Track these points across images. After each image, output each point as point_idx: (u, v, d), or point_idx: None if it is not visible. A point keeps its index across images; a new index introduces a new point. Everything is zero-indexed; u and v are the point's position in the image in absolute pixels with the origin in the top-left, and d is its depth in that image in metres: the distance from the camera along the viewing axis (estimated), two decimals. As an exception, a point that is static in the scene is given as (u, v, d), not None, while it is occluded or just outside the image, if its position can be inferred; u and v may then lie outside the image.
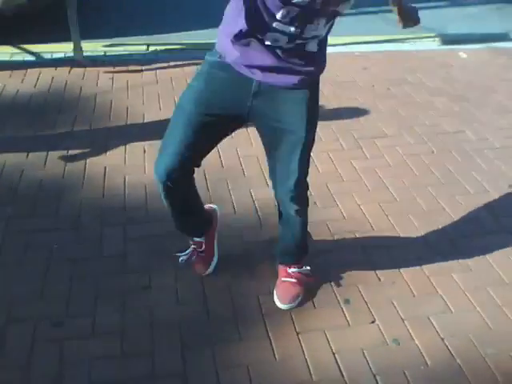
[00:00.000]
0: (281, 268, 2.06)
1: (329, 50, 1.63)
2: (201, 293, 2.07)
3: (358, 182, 2.74)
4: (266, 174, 2.66)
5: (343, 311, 2.01)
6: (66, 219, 2.42)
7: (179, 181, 1.75)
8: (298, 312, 2.00)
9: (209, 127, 1.68)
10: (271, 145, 1.75)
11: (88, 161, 2.82)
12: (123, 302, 2.01)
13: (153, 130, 3.10)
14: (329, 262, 2.24)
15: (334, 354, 1.84)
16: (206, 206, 2.17)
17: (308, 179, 1.83)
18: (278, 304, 1.99)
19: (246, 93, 1.63)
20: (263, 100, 1.64)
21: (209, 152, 1.80)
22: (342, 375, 1.77)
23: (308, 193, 1.88)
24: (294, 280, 2.02)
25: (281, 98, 1.64)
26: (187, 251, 2.11)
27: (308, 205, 1.93)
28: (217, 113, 1.66)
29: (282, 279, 2.04)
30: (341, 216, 2.49)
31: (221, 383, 1.74)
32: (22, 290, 2.05)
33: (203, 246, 2.09)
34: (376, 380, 1.75)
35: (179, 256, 2.11)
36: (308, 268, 2.07)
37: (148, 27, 4.59)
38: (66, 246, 2.27)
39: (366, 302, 2.05)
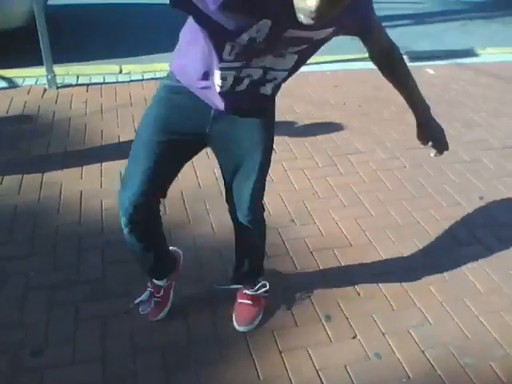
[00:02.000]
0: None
1: (301, 68, 1.66)
2: (182, 315, 2.06)
3: (334, 199, 2.78)
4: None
5: (325, 327, 2.02)
6: (43, 245, 2.39)
7: (145, 213, 1.67)
8: (280, 330, 2.01)
9: (170, 154, 1.63)
10: (227, 169, 1.73)
11: (63, 185, 2.80)
12: (104, 327, 1.98)
13: (128, 153, 3.07)
14: (309, 278, 2.26)
15: (317, 371, 1.85)
16: (171, 248, 2.09)
17: (285, 197, 1.86)
18: (235, 326, 1.99)
19: (205, 117, 1.60)
20: (222, 125, 1.61)
21: (172, 180, 1.73)
22: (326, 392, 1.78)
23: (265, 215, 1.92)
24: (249, 302, 2.01)
25: (239, 123, 1.62)
26: (143, 296, 2.00)
27: (265, 226, 1.95)
28: (177, 138, 1.61)
29: (239, 300, 2.03)
30: (319, 233, 2.52)
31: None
32: (-1, 319, 2.01)
33: (161, 292, 2.00)
34: (360, 395, 1.77)
35: (136, 303, 2.00)
36: (263, 289, 2.04)
37: (120, 50, 4.61)
38: (42, 273, 2.23)
39: (346, 317, 2.07)
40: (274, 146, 1.74)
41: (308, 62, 1.57)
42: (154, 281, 1.99)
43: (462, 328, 2.05)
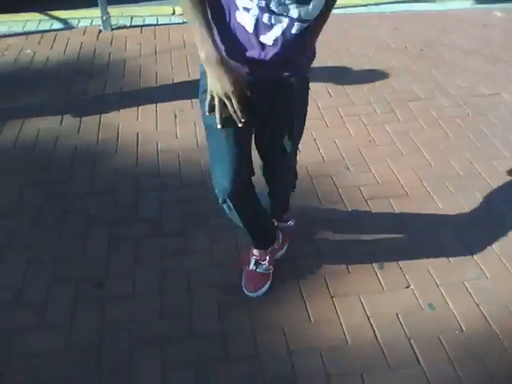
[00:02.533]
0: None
1: (360, 9, 1.56)
2: (235, 256, 2.09)
3: (391, 146, 2.70)
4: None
5: (377, 276, 2.02)
6: (102, 184, 2.46)
7: (239, 194, 1.69)
8: (332, 276, 2.02)
9: (244, 131, 1.60)
10: (266, 134, 1.73)
11: (120, 127, 2.85)
12: (161, 264, 2.05)
13: (182, 95, 3.09)
14: (362, 226, 2.24)
15: (368, 317, 1.86)
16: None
17: (340, 144, 1.81)
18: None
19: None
20: (261, 91, 1.54)
21: (251, 157, 1.73)
22: (377, 339, 1.79)
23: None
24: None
25: (276, 89, 1.58)
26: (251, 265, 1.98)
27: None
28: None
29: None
30: (374, 181, 2.47)
31: (257, 342, 1.78)
32: (63, 252, 2.11)
33: (266, 259, 1.98)
34: (410, 344, 1.78)
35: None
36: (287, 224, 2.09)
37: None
38: (103, 211, 2.31)
39: (400, 267, 2.06)
40: (328, 91, 1.68)
41: (366, 2, 1.48)
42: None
43: (521, 283, 2.00)
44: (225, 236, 2.17)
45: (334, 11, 1.56)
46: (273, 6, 1.38)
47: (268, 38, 1.43)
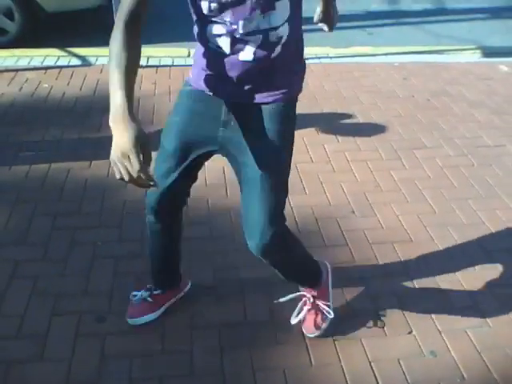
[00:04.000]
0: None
1: (369, 59, 1.62)
2: (240, 293, 2.10)
3: (396, 193, 2.74)
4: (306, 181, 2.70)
5: (380, 321, 2.01)
6: (111, 218, 2.50)
7: (168, 213, 1.78)
8: (334, 320, 2.02)
9: (188, 162, 1.64)
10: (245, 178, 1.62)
11: (131, 162, 2.90)
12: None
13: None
14: (366, 271, 2.25)
15: (370, 362, 1.85)
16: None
17: (347, 188, 1.82)
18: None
19: (216, 121, 1.56)
20: (233, 129, 1.54)
21: (191, 185, 1.77)
22: (378, 384, 1.78)
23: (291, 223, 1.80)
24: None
25: (252, 124, 1.54)
26: (143, 293, 2.00)
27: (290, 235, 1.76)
28: (192, 140, 1.60)
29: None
30: (379, 225, 2.50)
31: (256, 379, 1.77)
32: (67, 284, 2.13)
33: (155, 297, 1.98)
34: (412, 390, 1.76)
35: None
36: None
37: (189, 34, 4.69)
38: (109, 244, 2.34)
39: (403, 312, 2.05)
40: (336, 137, 1.73)
41: (375, 52, 1.52)
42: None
43: (524, 334, 1.99)
44: (228, 274, 2.19)
45: (345, 60, 1.62)
46: (241, 29, 1.39)
47: (247, 55, 1.43)
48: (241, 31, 1.40)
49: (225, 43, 1.44)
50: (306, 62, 1.62)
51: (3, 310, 2.00)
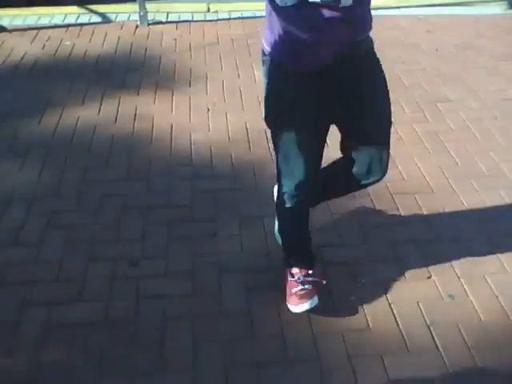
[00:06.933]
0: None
1: (392, 12, 1.62)
2: (264, 244, 2.18)
3: (419, 145, 2.75)
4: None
5: (400, 267, 2.08)
6: (137, 172, 2.58)
7: (307, 193, 1.76)
8: (355, 265, 2.08)
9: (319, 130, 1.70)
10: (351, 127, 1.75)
11: (155, 118, 2.96)
12: (192, 246, 2.15)
13: (215, 90, 3.20)
14: (387, 220, 2.30)
15: (389, 304, 1.93)
16: None
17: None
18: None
19: (317, 84, 1.60)
20: (333, 79, 1.61)
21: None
22: (398, 324, 1.85)
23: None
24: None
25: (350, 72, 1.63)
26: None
27: None
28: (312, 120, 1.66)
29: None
30: (400, 177, 2.53)
31: (283, 324, 1.86)
32: (100, 232, 2.23)
33: (310, 277, 1.89)
34: (430, 330, 1.83)
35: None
36: None
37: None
38: (137, 196, 2.43)
39: (423, 258, 2.11)
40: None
41: (399, 4, 1.52)
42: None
43: (542, 280, 2.03)
44: (254, 224, 2.26)
45: None
46: None
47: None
48: None
49: None
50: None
51: (42, 258, 2.11)
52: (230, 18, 4.18)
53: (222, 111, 3.02)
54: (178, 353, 1.76)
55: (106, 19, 4.16)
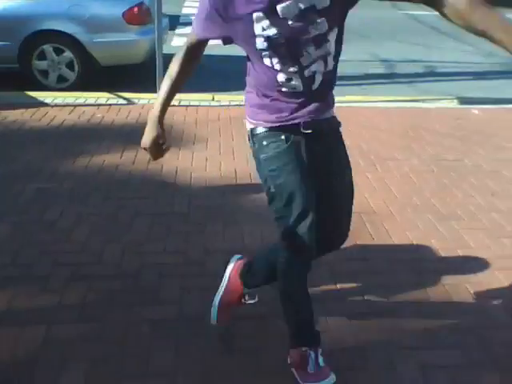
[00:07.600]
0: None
1: (359, 105, 2.13)
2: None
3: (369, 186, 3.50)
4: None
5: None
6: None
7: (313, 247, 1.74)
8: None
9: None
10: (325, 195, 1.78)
11: (164, 165, 3.76)
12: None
13: (213, 150, 4.05)
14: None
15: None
16: None
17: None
18: None
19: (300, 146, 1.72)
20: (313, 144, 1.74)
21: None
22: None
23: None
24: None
25: (324, 139, 1.76)
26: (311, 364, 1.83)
27: None
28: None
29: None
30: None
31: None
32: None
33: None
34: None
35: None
36: None
37: (214, 84, 5.71)
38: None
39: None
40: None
41: (365, 100, 1.79)
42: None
43: None
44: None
45: (337, 104, 1.88)
46: (304, 62, 1.61)
47: (315, 84, 1.66)
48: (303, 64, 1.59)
49: (297, 83, 1.63)
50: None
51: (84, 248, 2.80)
52: (229, 105, 5.14)
53: (217, 161, 3.83)
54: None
55: (130, 102, 5.13)
